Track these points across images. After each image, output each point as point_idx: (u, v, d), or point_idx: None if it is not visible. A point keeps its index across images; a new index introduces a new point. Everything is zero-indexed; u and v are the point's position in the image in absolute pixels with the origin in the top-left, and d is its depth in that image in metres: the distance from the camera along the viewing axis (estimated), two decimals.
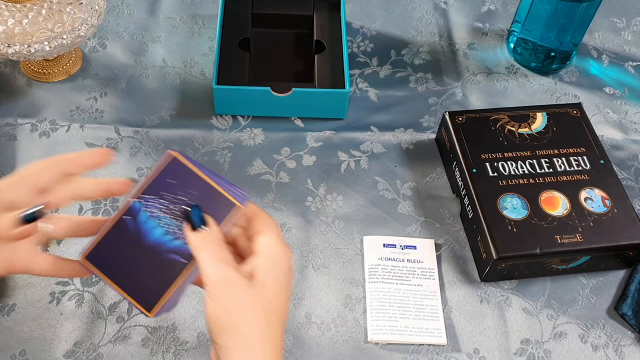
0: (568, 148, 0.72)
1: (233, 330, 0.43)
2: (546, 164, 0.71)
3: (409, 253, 0.68)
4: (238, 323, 0.43)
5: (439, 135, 0.78)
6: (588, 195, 0.68)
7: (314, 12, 0.87)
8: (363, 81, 0.85)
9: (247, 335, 0.42)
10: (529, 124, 0.74)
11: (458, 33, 0.92)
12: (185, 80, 0.83)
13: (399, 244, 0.69)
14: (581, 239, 0.65)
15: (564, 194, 0.68)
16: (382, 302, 0.65)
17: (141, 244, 0.47)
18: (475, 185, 0.69)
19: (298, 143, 0.78)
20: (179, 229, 0.47)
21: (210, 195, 0.47)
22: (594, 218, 0.67)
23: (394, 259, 0.68)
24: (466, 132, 0.73)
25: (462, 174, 0.71)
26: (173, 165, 0.48)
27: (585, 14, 0.81)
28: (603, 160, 0.72)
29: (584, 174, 0.70)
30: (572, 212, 0.67)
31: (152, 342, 0.62)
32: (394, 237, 0.70)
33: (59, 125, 0.78)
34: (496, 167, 0.70)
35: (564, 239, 0.65)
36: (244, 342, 0.42)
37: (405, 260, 0.68)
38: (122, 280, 0.48)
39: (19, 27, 0.71)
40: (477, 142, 0.73)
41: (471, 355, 0.63)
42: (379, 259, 0.68)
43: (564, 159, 0.71)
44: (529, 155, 0.71)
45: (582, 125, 0.75)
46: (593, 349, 0.64)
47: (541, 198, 0.68)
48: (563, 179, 0.70)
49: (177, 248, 0.47)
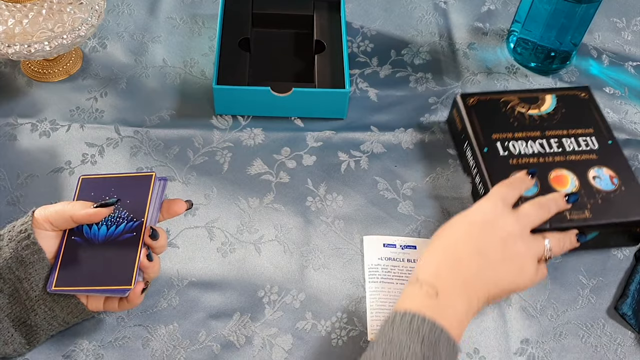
0: (576, 129, 0.74)
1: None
2: (555, 143, 0.72)
3: (409, 253, 0.68)
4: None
5: (451, 117, 0.80)
6: (596, 174, 0.69)
7: (314, 12, 0.87)
8: (363, 81, 0.85)
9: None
10: (538, 105, 0.76)
11: (458, 33, 0.92)
12: (185, 80, 0.83)
13: (399, 243, 0.69)
14: (590, 215, 0.66)
15: (573, 172, 0.70)
16: (382, 302, 0.65)
17: (95, 246, 0.57)
18: (487, 164, 0.70)
19: (298, 143, 0.78)
20: (117, 217, 0.57)
21: (127, 184, 0.59)
22: (602, 195, 0.68)
23: (394, 259, 0.68)
24: (478, 113, 0.75)
25: (473, 153, 0.72)
26: (85, 183, 0.59)
27: (585, 14, 0.81)
28: (611, 141, 0.73)
29: (592, 154, 0.71)
30: (581, 189, 0.68)
31: (153, 342, 0.62)
32: (394, 237, 0.70)
33: (59, 125, 0.78)
34: (507, 146, 0.72)
35: (573, 215, 0.66)
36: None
37: (405, 260, 0.68)
38: (94, 280, 0.55)
39: (19, 27, 0.71)
40: (488, 122, 0.74)
41: (471, 355, 0.63)
42: (379, 259, 0.68)
43: (572, 139, 0.73)
44: (538, 136, 0.73)
45: (590, 107, 0.76)
46: (593, 349, 0.64)
47: (550, 176, 0.69)
48: (572, 158, 0.71)
49: (124, 229, 0.57)
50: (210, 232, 0.70)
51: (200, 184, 0.73)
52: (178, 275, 0.66)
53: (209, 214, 0.71)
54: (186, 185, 0.73)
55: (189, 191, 0.73)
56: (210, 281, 0.66)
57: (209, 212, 0.71)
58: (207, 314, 0.64)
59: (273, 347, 0.62)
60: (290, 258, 0.68)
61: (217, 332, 0.63)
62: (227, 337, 0.63)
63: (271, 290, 0.66)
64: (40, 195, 0.71)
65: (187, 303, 0.64)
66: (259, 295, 0.65)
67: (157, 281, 0.65)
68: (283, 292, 0.66)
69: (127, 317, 0.63)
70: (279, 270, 0.67)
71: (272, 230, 0.70)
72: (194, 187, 0.73)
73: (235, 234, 0.70)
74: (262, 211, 0.72)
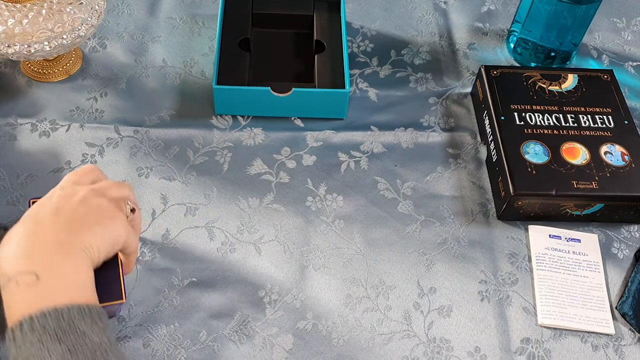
0: (595, 107, 0.76)
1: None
2: (571, 118, 0.74)
3: (574, 245, 0.70)
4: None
5: (474, 90, 0.83)
6: (608, 149, 0.72)
7: (314, 12, 0.87)
8: (363, 81, 0.85)
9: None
10: (559, 82, 0.78)
11: (458, 33, 0.92)
12: (185, 80, 0.83)
13: (564, 236, 0.71)
14: (597, 186, 0.68)
15: (585, 146, 0.72)
16: (551, 289, 0.67)
17: None
18: (502, 131, 0.73)
19: (298, 143, 0.78)
20: None
21: None
22: (612, 170, 0.70)
23: (559, 250, 0.70)
24: (499, 84, 0.78)
25: (490, 121, 0.75)
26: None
27: (585, 14, 0.81)
28: (627, 122, 0.75)
29: (606, 131, 0.73)
30: (591, 162, 0.70)
31: (154, 342, 0.62)
32: (559, 229, 0.71)
33: (59, 125, 0.78)
34: (523, 117, 0.74)
35: (580, 185, 0.68)
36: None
37: (571, 252, 0.70)
38: None
39: (19, 27, 0.71)
40: (508, 93, 0.77)
41: (472, 354, 0.63)
42: (545, 249, 0.70)
43: (589, 116, 0.75)
44: (556, 110, 0.75)
45: (611, 89, 0.78)
46: (593, 348, 0.64)
47: (562, 147, 0.72)
48: (586, 133, 0.73)
49: None
50: (210, 232, 0.70)
51: (200, 184, 0.73)
52: (179, 275, 0.66)
53: (209, 214, 0.71)
54: (186, 185, 0.73)
55: (189, 191, 0.73)
56: (210, 281, 0.66)
57: (209, 212, 0.71)
58: (207, 313, 0.64)
59: (274, 347, 0.62)
60: (290, 258, 0.68)
61: (218, 332, 0.63)
62: (228, 337, 0.63)
63: (272, 290, 0.66)
64: (40, 195, 0.71)
65: (188, 303, 0.64)
66: (259, 295, 0.65)
67: (157, 281, 0.65)
68: (283, 292, 0.66)
69: (128, 317, 0.63)
70: (279, 270, 0.67)
71: (272, 230, 0.70)
72: (194, 187, 0.73)
73: (235, 234, 0.70)
74: (262, 211, 0.72)
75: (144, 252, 0.67)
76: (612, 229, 0.73)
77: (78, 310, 0.46)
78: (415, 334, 0.64)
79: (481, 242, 0.71)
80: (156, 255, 0.67)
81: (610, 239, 0.72)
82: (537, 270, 0.68)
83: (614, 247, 0.71)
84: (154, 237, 0.69)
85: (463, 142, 0.79)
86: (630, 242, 0.72)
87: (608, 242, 0.72)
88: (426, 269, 0.68)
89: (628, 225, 0.73)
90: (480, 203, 0.74)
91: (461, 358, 0.63)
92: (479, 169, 0.77)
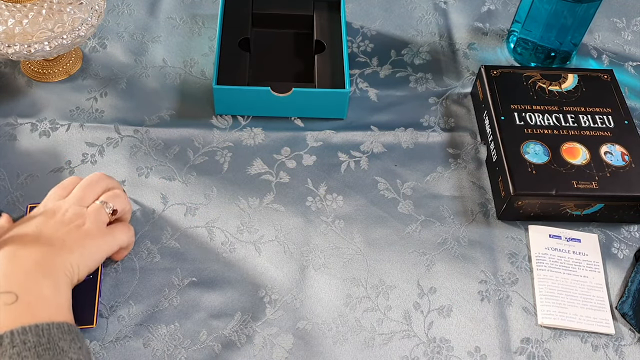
0: (595, 107, 0.76)
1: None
2: (571, 118, 0.74)
3: (574, 245, 0.70)
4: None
5: (474, 90, 0.83)
6: (608, 149, 0.72)
7: (314, 12, 0.87)
8: (363, 81, 0.85)
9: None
10: (559, 82, 0.78)
11: (458, 33, 0.92)
12: (185, 80, 0.83)
13: (564, 236, 0.71)
14: (597, 186, 0.69)
15: (585, 146, 0.72)
16: (551, 289, 0.67)
17: None
18: (502, 131, 0.73)
19: (298, 143, 0.78)
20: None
21: None
22: (612, 170, 0.70)
23: (559, 250, 0.70)
24: (499, 84, 0.78)
25: (490, 121, 0.75)
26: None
27: (586, 14, 0.81)
28: (627, 121, 0.75)
29: (607, 131, 0.74)
30: (591, 162, 0.71)
31: (154, 342, 0.62)
32: (559, 229, 0.71)
33: (59, 124, 0.78)
34: (523, 117, 0.74)
35: (580, 185, 0.68)
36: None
37: (571, 252, 0.70)
38: None
39: (19, 27, 0.71)
40: (508, 93, 0.77)
41: (472, 354, 0.63)
42: (545, 249, 0.70)
43: (589, 116, 0.75)
44: (556, 110, 0.75)
45: (611, 89, 0.79)
46: (593, 348, 0.64)
47: (562, 147, 0.72)
48: (586, 133, 0.73)
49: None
50: (210, 232, 0.70)
51: (200, 183, 0.73)
52: (179, 275, 0.66)
53: (209, 214, 0.71)
54: (186, 185, 0.73)
55: (188, 191, 0.73)
56: (210, 281, 0.66)
57: (209, 212, 0.71)
58: (208, 313, 0.64)
59: (274, 346, 0.62)
60: (290, 258, 0.68)
61: (218, 332, 0.63)
62: (228, 336, 0.63)
63: (272, 289, 0.66)
64: (40, 195, 0.71)
65: (188, 303, 0.64)
66: (259, 295, 0.65)
67: (157, 281, 0.65)
68: (283, 291, 0.66)
69: (128, 317, 0.63)
70: (279, 270, 0.67)
71: (272, 230, 0.70)
72: (193, 187, 0.73)
73: (235, 233, 0.70)
74: (262, 211, 0.72)
75: (144, 252, 0.67)
76: (612, 229, 0.73)
77: (58, 328, 0.48)
78: (415, 334, 0.64)
79: (481, 242, 0.71)
80: (156, 255, 0.67)
81: (610, 239, 0.72)
82: (537, 270, 0.68)
83: (614, 247, 0.71)
84: (154, 237, 0.69)
85: (463, 142, 0.79)
86: (630, 242, 0.72)
87: (608, 242, 0.72)
88: (426, 269, 0.68)
89: (628, 225, 0.73)
90: (480, 203, 0.74)
91: (461, 358, 0.63)
92: (479, 169, 0.77)
